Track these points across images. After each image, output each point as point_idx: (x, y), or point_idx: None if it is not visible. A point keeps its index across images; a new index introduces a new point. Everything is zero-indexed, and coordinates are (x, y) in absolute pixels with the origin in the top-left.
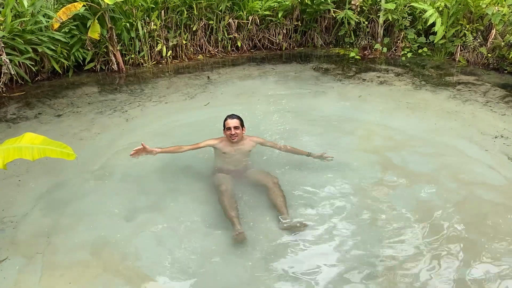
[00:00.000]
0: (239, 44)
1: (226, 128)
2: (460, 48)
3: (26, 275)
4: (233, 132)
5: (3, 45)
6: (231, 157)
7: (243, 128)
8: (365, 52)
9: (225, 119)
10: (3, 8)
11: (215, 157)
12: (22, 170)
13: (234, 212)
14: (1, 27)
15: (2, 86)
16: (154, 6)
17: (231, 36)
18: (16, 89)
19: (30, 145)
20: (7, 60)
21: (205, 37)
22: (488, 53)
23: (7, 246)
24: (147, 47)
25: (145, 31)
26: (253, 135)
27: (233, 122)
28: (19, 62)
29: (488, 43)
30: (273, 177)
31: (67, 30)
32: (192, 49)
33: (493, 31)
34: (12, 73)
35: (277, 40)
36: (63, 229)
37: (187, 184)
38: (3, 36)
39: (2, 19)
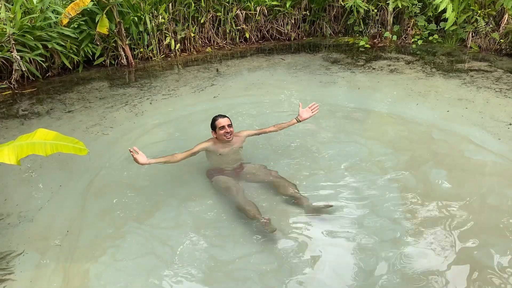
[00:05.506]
0: (247, 35)
1: (219, 128)
2: (472, 34)
3: (42, 269)
4: (228, 130)
5: (13, 42)
6: (226, 157)
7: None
8: (375, 40)
9: (215, 120)
10: (12, 5)
11: (209, 160)
12: (36, 165)
13: (254, 207)
14: (11, 24)
15: (13, 82)
16: None
17: (239, 27)
18: (27, 85)
19: (43, 141)
20: (18, 57)
21: (213, 29)
22: (501, 39)
23: (23, 240)
24: (155, 41)
25: (153, 24)
26: (258, 127)
27: (225, 121)
28: (29, 58)
29: (501, 29)
30: (271, 171)
31: (76, 26)
32: (200, 42)
33: (506, 16)
34: (23, 69)
35: (286, 31)
36: (78, 224)
37: (188, 186)
38: (14, 33)
39: (12, 16)
